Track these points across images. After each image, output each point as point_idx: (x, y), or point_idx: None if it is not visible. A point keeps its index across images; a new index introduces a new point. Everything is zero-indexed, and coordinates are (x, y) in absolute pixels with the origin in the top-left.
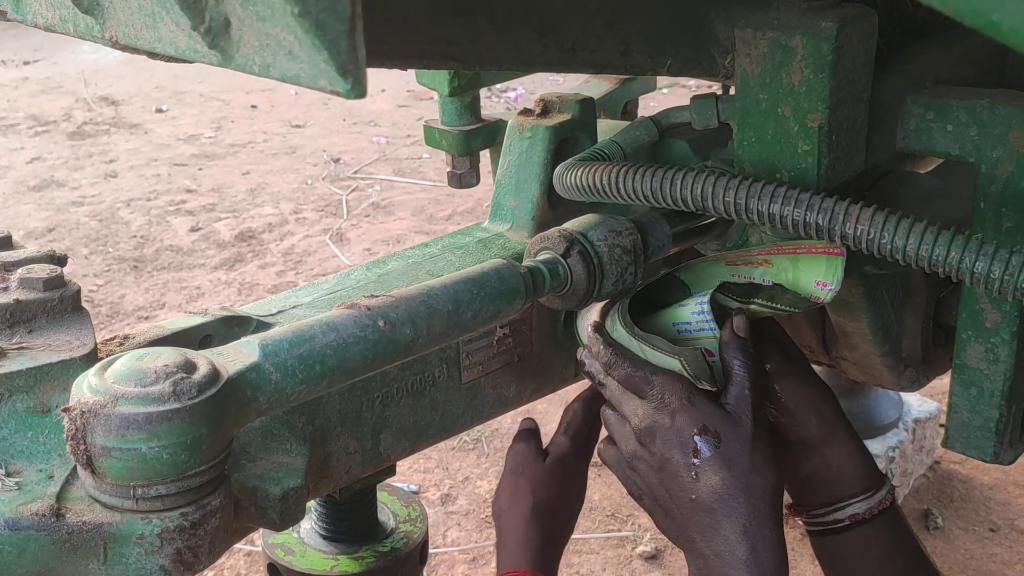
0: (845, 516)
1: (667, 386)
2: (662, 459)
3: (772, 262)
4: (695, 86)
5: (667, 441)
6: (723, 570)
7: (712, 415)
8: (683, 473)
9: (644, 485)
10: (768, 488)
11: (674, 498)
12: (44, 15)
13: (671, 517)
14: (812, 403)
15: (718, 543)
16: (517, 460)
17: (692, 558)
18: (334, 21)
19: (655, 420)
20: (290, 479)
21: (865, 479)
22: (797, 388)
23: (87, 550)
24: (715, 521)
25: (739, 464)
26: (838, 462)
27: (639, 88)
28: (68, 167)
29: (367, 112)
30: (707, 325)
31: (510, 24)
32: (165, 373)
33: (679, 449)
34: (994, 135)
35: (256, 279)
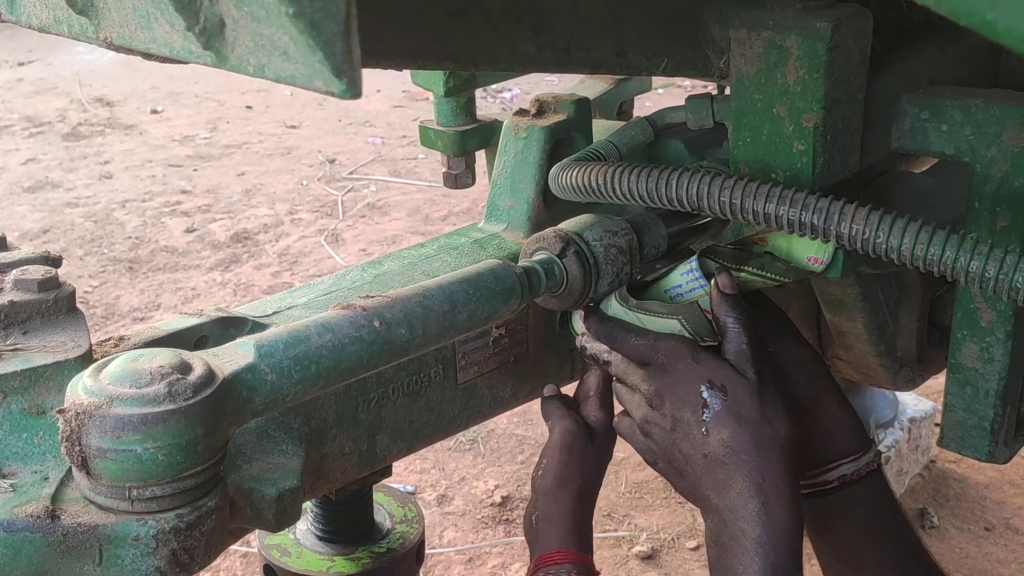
0: (834, 477)
1: (671, 349)
2: (673, 419)
3: (767, 239)
4: (690, 86)
5: (676, 401)
6: (737, 524)
7: (717, 369)
8: (694, 430)
9: (658, 448)
10: (780, 439)
11: (687, 457)
12: (38, 16)
13: (685, 477)
14: (802, 364)
15: (731, 497)
16: (567, 438)
17: (707, 515)
18: (329, 22)
19: (663, 382)
20: (286, 480)
21: (854, 440)
22: (786, 349)
23: (82, 552)
24: (728, 476)
25: (748, 416)
26: (828, 422)
27: (634, 88)
28: (63, 168)
29: (362, 113)
30: (697, 284)
31: (505, 24)
32: (160, 374)
33: (689, 407)
34: (988, 135)
35: (251, 280)
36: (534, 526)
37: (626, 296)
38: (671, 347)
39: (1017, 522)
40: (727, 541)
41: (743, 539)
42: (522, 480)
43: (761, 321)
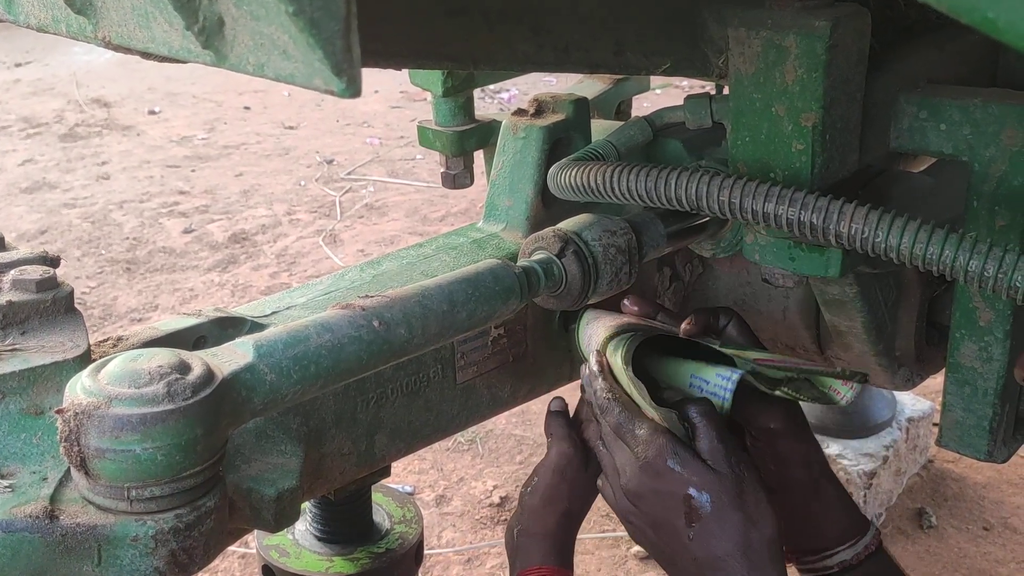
0: (834, 564)
1: (651, 444)
2: (654, 521)
3: None
4: (688, 86)
5: (656, 504)
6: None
7: (696, 473)
8: (679, 534)
9: (643, 538)
10: (765, 540)
11: (675, 555)
12: (36, 16)
13: (676, 568)
14: (803, 459)
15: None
16: (562, 462)
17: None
18: (328, 20)
19: (641, 481)
20: (285, 480)
21: (849, 527)
22: (792, 446)
23: (81, 552)
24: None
25: (732, 521)
26: (821, 512)
27: (633, 88)
28: (60, 169)
29: (360, 113)
30: (722, 393)
31: (504, 23)
32: (159, 374)
33: (670, 512)
34: (987, 134)
35: (249, 281)
36: (515, 539)
37: (628, 359)
38: (652, 442)
39: (1015, 521)
40: None
41: None
42: (520, 480)
43: (775, 418)
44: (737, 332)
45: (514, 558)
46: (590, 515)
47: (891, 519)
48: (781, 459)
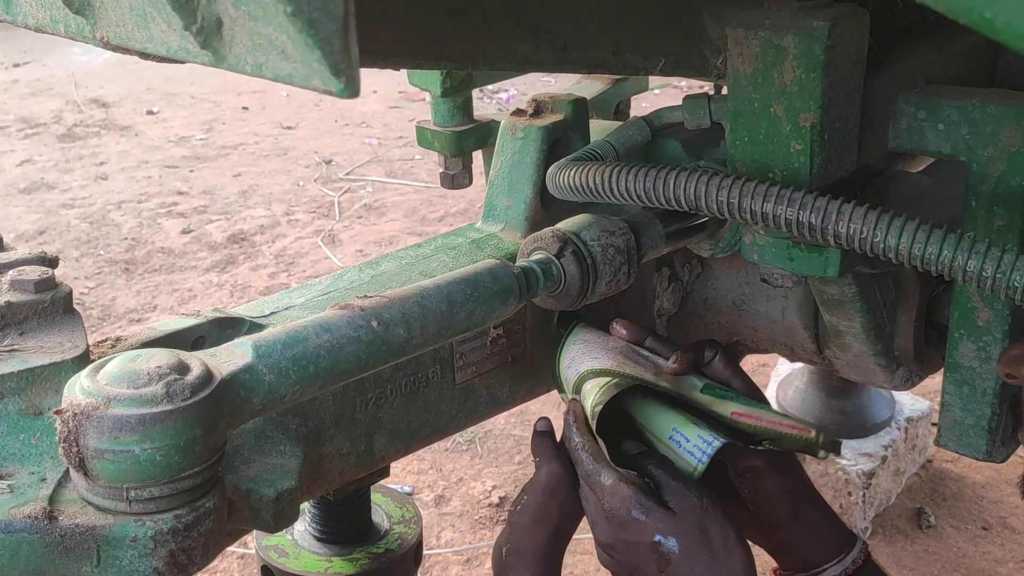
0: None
1: (615, 495)
2: (630, 568)
3: None
4: (687, 86)
5: (627, 553)
6: None
7: (660, 520)
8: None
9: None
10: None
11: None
12: (35, 16)
13: None
14: (787, 492)
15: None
16: (552, 481)
17: None
18: (327, 20)
19: (610, 532)
20: (284, 481)
21: (834, 544)
22: (775, 481)
23: (80, 553)
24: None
25: (700, 562)
26: (805, 533)
27: (631, 88)
28: (58, 169)
29: (359, 113)
30: (699, 454)
31: (503, 23)
32: (158, 375)
33: (640, 560)
34: (985, 134)
35: (248, 281)
36: (503, 557)
37: (595, 414)
38: (614, 496)
39: (1014, 521)
40: None
41: None
42: (519, 481)
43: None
44: (723, 366)
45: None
46: None
47: (890, 519)
48: (764, 495)
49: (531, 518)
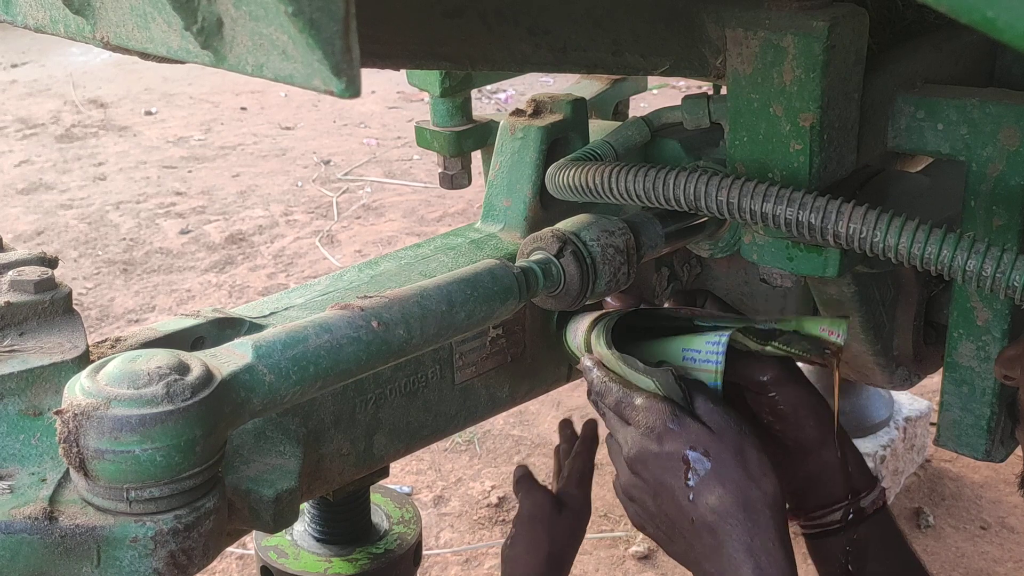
0: (840, 517)
1: (650, 410)
2: (656, 486)
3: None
4: (685, 87)
5: (657, 467)
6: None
7: (698, 432)
8: (679, 496)
9: (644, 513)
10: (767, 499)
11: (674, 523)
12: (34, 16)
13: (675, 542)
14: (809, 407)
15: (722, 562)
16: (535, 511)
17: (690, 566)
18: (328, 21)
19: (642, 447)
20: (283, 481)
21: (859, 480)
22: (795, 393)
23: (80, 553)
24: (717, 541)
25: (732, 478)
26: (833, 464)
27: (630, 89)
28: (57, 170)
29: (357, 114)
30: (714, 358)
31: (502, 24)
32: (158, 375)
33: (670, 473)
34: (984, 133)
35: (247, 281)
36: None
37: (610, 342)
38: (651, 409)
39: (1013, 521)
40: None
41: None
42: None
43: (768, 369)
44: (717, 311)
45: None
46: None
47: None
48: (785, 411)
49: (523, 548)
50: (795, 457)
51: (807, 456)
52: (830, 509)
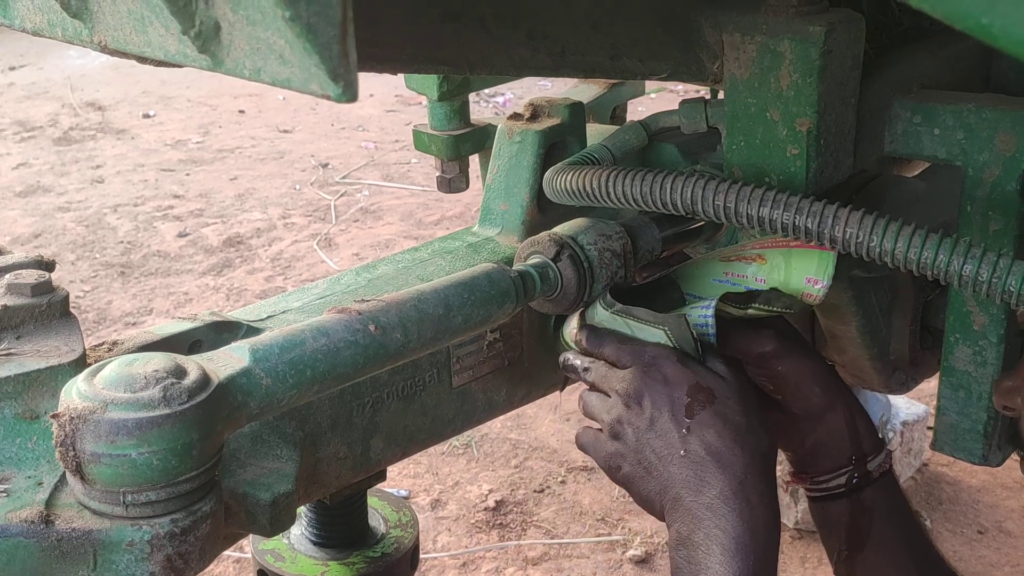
0: (845, 481)
1: (658, 351)
2: (651, 417)
3: (765, 257)
4: (683, 91)
5: (658, 400)
6: (716, 523)
7: (705, 374)
8: (674, 429)
9: (627, 449)
10: (763, 448)
11: (660, 456)
12: (32, 19)
13: (654, 477)
14: (813, 374)
15: (711, 497)
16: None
17: (677, 515)
18: (325, 25)
19: (645, 382)
20: (280, 485)
21: (866, 443)
22: (797, 363)
23: (77, 557)
24: (708, 475)
25: (734, 421)
26: (840, 428)
27: (628, 93)
28: (54, 173)
29: (355, 117)
30: (708, 331)
31: (500, 28)
32: (155, 378)
33: (669, 406)
34: (980, 139)
35: (244, 285)
36: None
37: (611, 301)
38: (658, 350)
39: (1010, 525)
40: (702, 540)
41: (723, 538)
42: (516, 484)
43: (768, 342)
44: None
45: None
46: (585, 520)
47: None
48: (788, 382)
49: None
50: (801, 424)
51: (813, 422)
52: (836, 473)
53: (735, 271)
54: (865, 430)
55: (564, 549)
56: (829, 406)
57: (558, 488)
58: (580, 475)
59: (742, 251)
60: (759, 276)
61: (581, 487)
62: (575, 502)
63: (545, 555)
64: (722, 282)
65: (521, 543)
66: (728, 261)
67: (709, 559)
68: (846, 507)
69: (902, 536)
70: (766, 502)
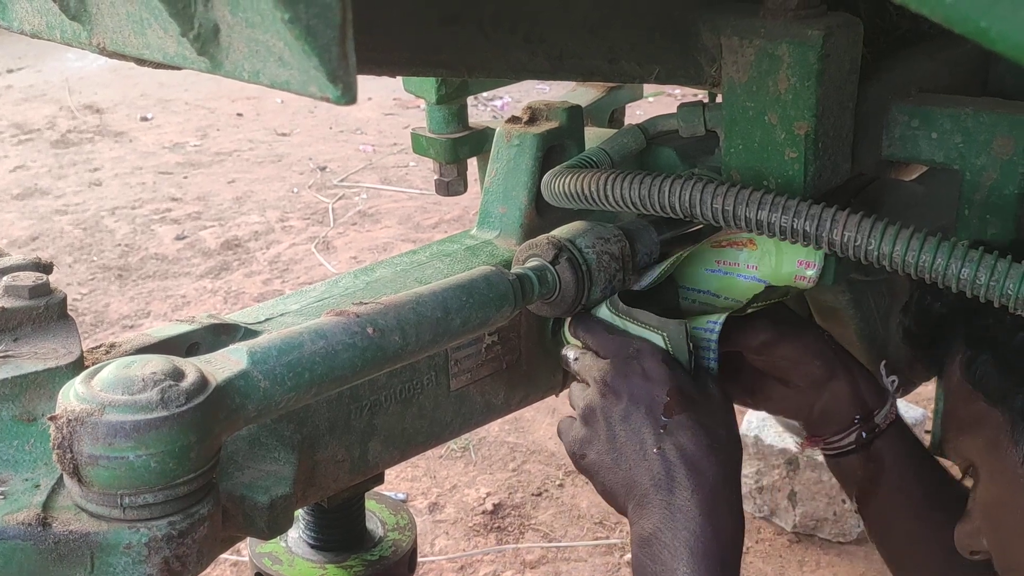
0: (856, 438)
1: (643, 346)
2: (627, 409)
3: (756, 242)
4: (681, 94)
5: (635, 393)
6: (686, 524)
7: (687, 380)
8: (649, 425)
9: (594, 436)
10: (735, 461)
11: (632, 449)
12: (30, 22)
13: (622, 469)
14: (811, 349)
15: (682, 498)
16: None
17: (644, 514)
18: (325, 27)
19: (624, 372)
20: (278, 487)
21: (870, 399)
22: (794, 343)
23: (74, 560)
24: (678, 476)
25: (711, 430)
26: (844, 392)
27: (626, 96)
28: (52, 175)
29: (353, 120)
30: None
31: (498, 31)
32: (153, 381)
33: (647, 402)
34: (978, 143)
35: (242, 287)
36: None
37: (616, 302)
38: (644, 344)
39: None
40: (669, 541)
41: (692, 541)
42: (513, 487)
43: (762, 333)
44: None
45: None
46: (582, 523)
47: None
48: (787, 364)
49: None
50: (807, 395)
51: (818, 392)
52: (846, 433)
53: (727, 259)
54: (867, 388)
55: (562, 552)
56: (831, 375)
57: (556, 491)
58: (578, 478)
59: (733, 236)
60: (750, 263)
61: (579, 490)
62: (573, 505)
63: (543, 558)
64: (714, 272)
65: (519, 546)
66: (719, 247)
67: (676, 561)
68: (859, 460)
69: (914, 478)
70: (735, 513)
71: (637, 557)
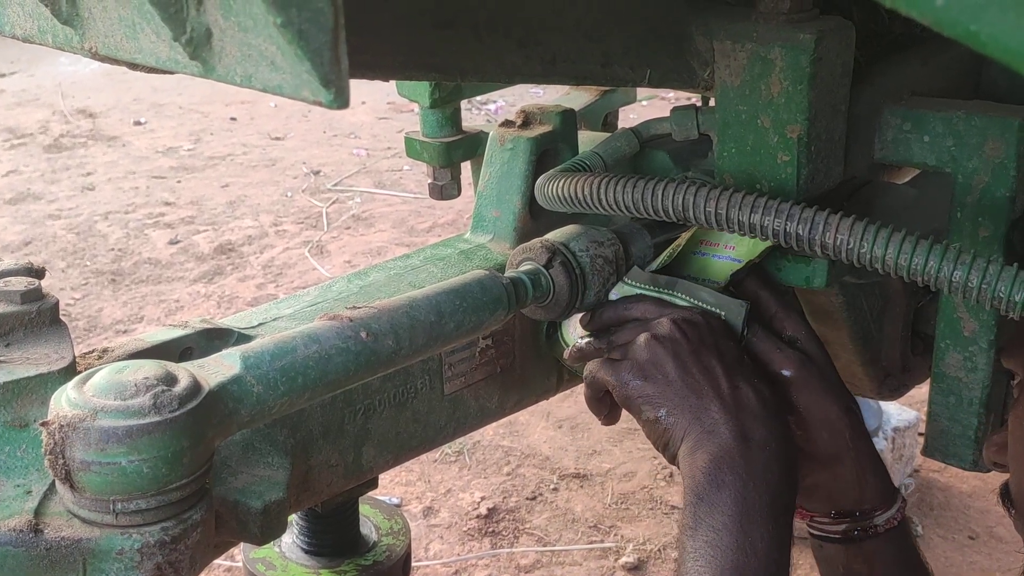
0: (844, 530)
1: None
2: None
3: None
4: (674, 98)
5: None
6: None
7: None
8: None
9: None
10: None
11: (701, 386)
12: (22, 26)
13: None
14: (825, 420)
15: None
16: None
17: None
18: (317, 31)
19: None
20: (272, 492)
21: (875, 497)
22: (813, 401)
23: (66, 566)
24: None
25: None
26: (844, 479)
27: (619, 100)
28: (45, 180)
29: (347, 124)
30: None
31: (492, 35)
32: (145, 386)
33: (717, 352)
34: (970, 146)
35: (236, 292)
36: None
37: (654, 276)
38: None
39: (1001, 530)
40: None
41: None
42: (508, 492)
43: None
44: None
45: None
46: (577, 527)
47: None
48: (801, 414)
49: None
50: (804, 463)
51: (816, 466)
52: (834, 520)
53: (709, 239)
54: (875, 485)
55: (556, 556)
56: (834, 457)
57: (550, 495)
58: (572, 482)
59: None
60: (730, 243)
61: (573, 494)
62: (567, 509)
63: (537, 563)
64: (697, 254)
65: (513, 551)
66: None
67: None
68: (844, 554)
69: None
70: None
71: (700, 484)
